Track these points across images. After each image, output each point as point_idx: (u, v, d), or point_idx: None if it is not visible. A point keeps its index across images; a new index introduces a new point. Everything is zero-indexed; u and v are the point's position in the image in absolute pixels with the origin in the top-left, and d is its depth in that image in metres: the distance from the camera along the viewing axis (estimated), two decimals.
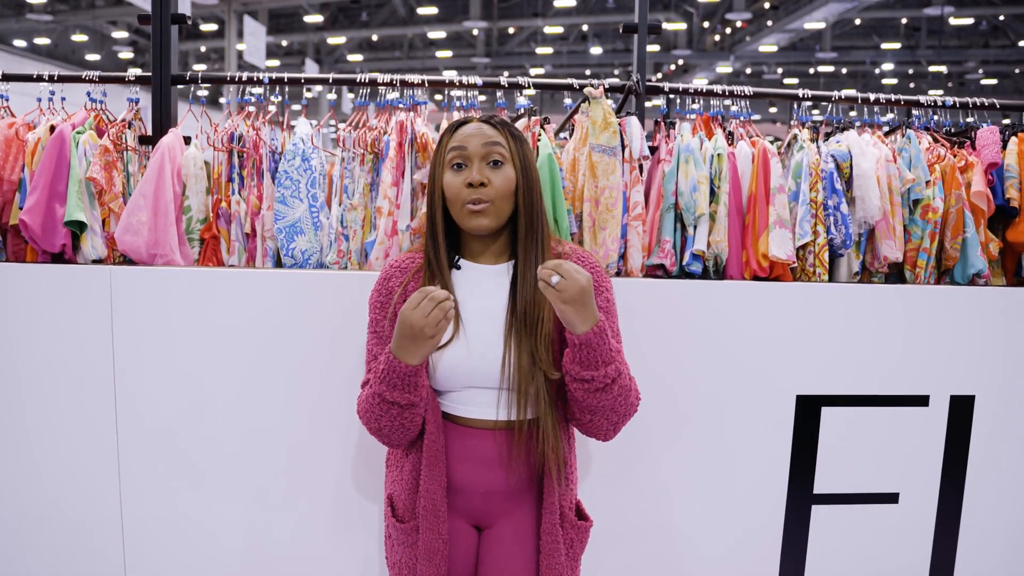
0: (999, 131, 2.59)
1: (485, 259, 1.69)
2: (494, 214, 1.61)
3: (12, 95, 2.57)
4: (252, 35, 13.71)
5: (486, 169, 1.61)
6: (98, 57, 21.22)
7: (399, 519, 1.66)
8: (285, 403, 2.22)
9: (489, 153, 1.61)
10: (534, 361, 1.57)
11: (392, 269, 1.70)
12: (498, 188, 1.60)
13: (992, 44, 19.94)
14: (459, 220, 1.63)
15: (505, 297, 1.64)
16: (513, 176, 1.62)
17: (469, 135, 1.63)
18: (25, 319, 2.20)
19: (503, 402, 1.61)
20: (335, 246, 2.38)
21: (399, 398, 1.53)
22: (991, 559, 2.44)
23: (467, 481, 1.64)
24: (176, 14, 2.48)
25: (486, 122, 1.67)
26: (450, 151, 1.64)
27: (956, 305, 2.35)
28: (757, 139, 2.47)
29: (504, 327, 1.61)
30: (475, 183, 1.59)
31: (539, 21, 20.10)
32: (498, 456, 1.62)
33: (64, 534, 2.27)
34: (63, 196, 2.26)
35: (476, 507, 1.66)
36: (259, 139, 2.42)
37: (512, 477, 1.63)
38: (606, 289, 1.69)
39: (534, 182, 1.65)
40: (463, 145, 1.62)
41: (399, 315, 1.47)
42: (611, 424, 1.61)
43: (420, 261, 1.69)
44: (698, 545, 2.35)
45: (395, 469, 1.71)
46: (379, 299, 1.69)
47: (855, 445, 2.34)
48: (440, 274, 1.64)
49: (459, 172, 1.62)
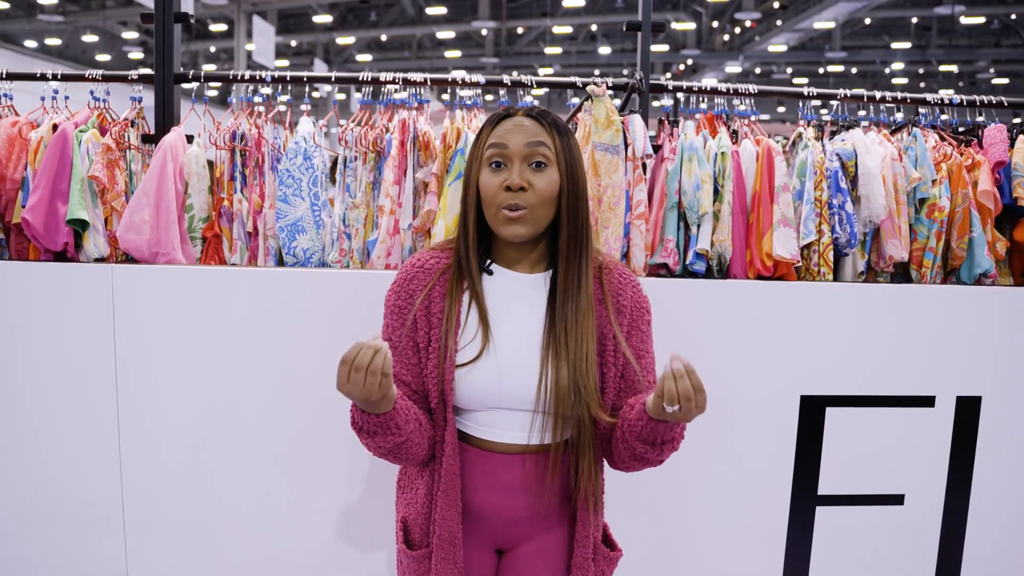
0: (1006, 129, 2.56)
1: (520, 267, 1.53)
2: (532, 222, 1.45)
3: (19, 95, 2.58)
4: (261, 35, 13.74)
5: (527, 171, 1.45)
6: (108, 57, 21.32)
7: (412, 545, 1.53)
8: (286, 401, 2.22)
9: (532, 154, 1.45)
10: (575, 385, 1.43)
11: (414, 269, 1.53)
12: (540, 193, 1.44)
13: (1003, 43, 19.81)
14: (493, 224, 1.47)
15: (541, 311, 1.49)
16: (557, 179, 1.46)
17: (511, 131, 1.47)
18: (27, 317, 2.20)
19: (536, 426, 1.46)
20: (337, 245, 2.38)
21: (383, 442, 1.39)
22: (998, 562, 2.42)
23: (489, 508, 1.50)
24: (179, 12, 2.48)
25: (531, 116, 1.49)
26: (489, 147, 1.47)
27: (962, 305, 2.33)
28: (761, 137, 2.46)
29: (541, 345, 1.46)
30: (514, 187, 1.43)
31: (548, 21, 20.08)
32: (525, 482, 1.48)
33: (66, 532, 2.28)
34: (65, 194, 2.27)
35: (498, 533, 1.53)
36: (261, 137, 2.42)
37: (540, 504, 1.50)
38: (647, 311, 1.59)
39: (580, 186, 1.49)
40: (504, 143, 1.46)
41: None
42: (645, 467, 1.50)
43: (446, 261, 1.53)
44: (701, 545, 2.34)
45: (408, 491, 1.57)
46: (397, 303, 1.52)
47: (860, 446, 2.32)
48: (471, 279, 1.49)
49: (497, 172, 1.46)
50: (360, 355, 1.26)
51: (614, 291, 1.54)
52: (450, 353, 1.45)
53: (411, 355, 1.49)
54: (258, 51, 13.76)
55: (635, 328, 1.56)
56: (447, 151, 2.35)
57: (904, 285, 2.37)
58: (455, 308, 1.47)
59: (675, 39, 20.89)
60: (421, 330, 1.48)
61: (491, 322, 1.47)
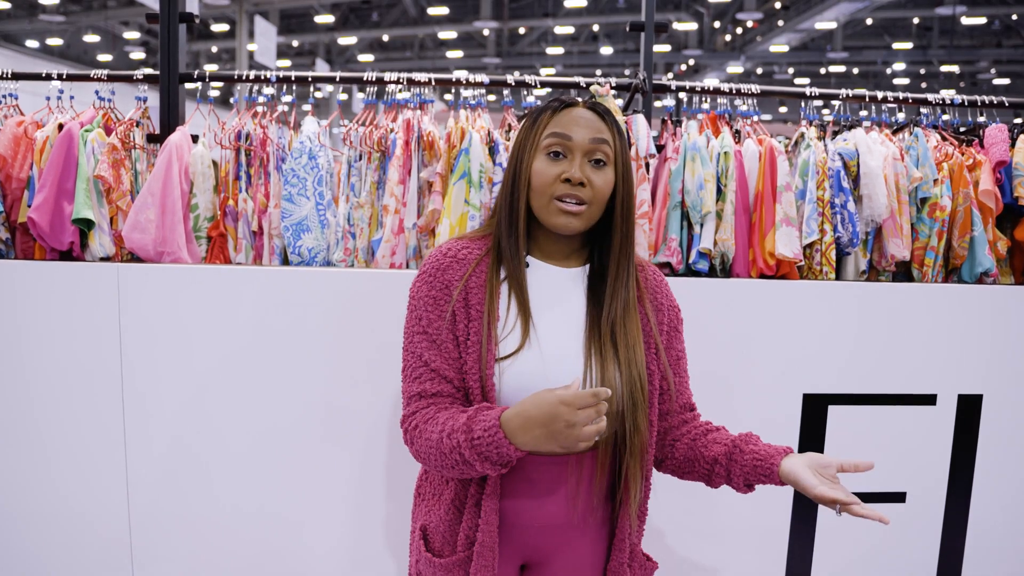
0: (1007, 129, 2.57)
1: (555, 259, 1.48)
2: (587, 218, 1.40)
3: (23, 95, 2.59)
4: (263, 35, 13.74)
5: (588, 167, 1.39)
6: (110, 57, 21.33)
7: (436, 554, 1.44)
8: (291, 400, 2.22)
9: (595, 150, 1.40)
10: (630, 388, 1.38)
11: (447, 259, 1.44)
12: (597, 191, 1.39)
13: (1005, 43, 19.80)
14: (542, 213, 1.41)
15: (581, 306, 1.44)
16: (612, 180, 1.41)
17: (575, 123, 1.40)
18: (34, 316, 2.21)
19: None
20: (342, 244, 2.39)
21: (486, 469, 1.29)
22: (999, 559, 2.42)
23: (524, 514, 1.42)
24: (184, 12, 2.49)
25: (594, 110, 1.43)
26: (549, 135, 1.40)
27: (964, 304, 2.33)
28: (764, 137, 2.47)
29: (584, 339, 1.40)
30: (575, 180, 1.37)
31: (550, 21, 20.08)
32: (565, 487, 1.41)
33: (72, 530, 2.29)
34: (71, 194, 2.28)
35: (528, 543, 1.44)
36: (266, 137, 2.43)
37: (576, 510, 1.42)
38: (679, 311, 1.56)
39: (632, 188, 1.45)
40: (568, 134, 1.39)
41: (544, 400, 1.21)
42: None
43: (478, 252, 1.45)
44: (704, 544, 2.35)
45: (431, 499, 1.48)
46: (431, 293, 1.42)
47: (862, 444, 2.32)
48: (512, 268, 1.43)
49: (555, 161, 1.39)
50: (604, 394, 1.19)
51: (651, 289, 1.50)
52: (491, 346, 1.38)
53: (452, 348, 1.40)
54: (260, 51, 13.75)
55: (673, 329, 1.53)
56: (451, 151, 2.36)
57: (906, 284, 2.38)
58: (495, 299, 1.41)
59: (677, 39, 20.89)
60: (460, 323, 1.40)
61: (532, 314, 1.41)
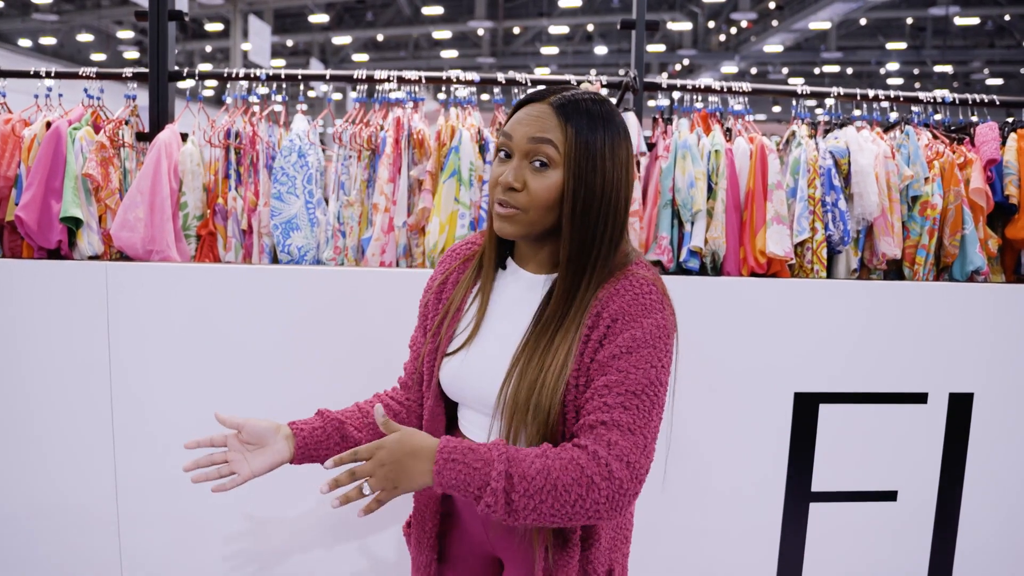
0: (998, 127, 2.57)
1: (529, 266, 1.39)
2: (524, 224, 1.29)
3: (13, 94, 2.58)
4: (257, 35, 13.72)
5: (525, 170, 1.27)
6: (103, 56, 21.27)
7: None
8: (281, 398, 2.21)
9: (533, 151, 1.26)
10: (534, 402, 1.25)
11: (448, 253, 1.50)
12: (534, 197, 1.26)
13: (997, 44, 19.85)
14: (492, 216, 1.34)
15: (531, 314, 1.34)
16: (559, 183, 1.26)
17: (520, 121, 1.29)
18: (21, 315, 2.20)
19: (494, 433, 1.31)
20: (332, 242, 2.38)
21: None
22: (990, 557, 2.43)
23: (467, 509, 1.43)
24: (173, 10, 2.48)
25: (554, 105, 1.28)
26: (500, 134, 1.32)
27: (955, 302, 2.33)
28: (755, 135, 2.47)
29: (517, 349, 1.31)
30: (504, 185, 1.27)
31: (544, 21, 20.08)
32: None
33: (60, 529, 2.27)
34: (59, 192, 2.27)
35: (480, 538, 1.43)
36: (256, 135, 2.42)
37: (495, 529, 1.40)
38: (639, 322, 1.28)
39: (596, 191, 1.27)
40: (510, 132, 1.29)
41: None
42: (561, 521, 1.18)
43: (474, 249, 1.46)
44: (695, 543, 2.34)
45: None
46: (430, 280, 1.50)
47: (853, 443, 2.32)
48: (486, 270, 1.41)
49: (503, 162, 1.30)
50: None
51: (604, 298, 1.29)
52: (445, 341, 1.40)
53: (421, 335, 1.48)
54: (254, 51, 13.73)
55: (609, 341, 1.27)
56: (441, 149, 2.35)
57: (897, 282, 2.38)
58: (459, 296, 1.42)
59: (671, 39, 20.90)
60: (431, 313, 1.46)
61: (486, 317, 1.38)
